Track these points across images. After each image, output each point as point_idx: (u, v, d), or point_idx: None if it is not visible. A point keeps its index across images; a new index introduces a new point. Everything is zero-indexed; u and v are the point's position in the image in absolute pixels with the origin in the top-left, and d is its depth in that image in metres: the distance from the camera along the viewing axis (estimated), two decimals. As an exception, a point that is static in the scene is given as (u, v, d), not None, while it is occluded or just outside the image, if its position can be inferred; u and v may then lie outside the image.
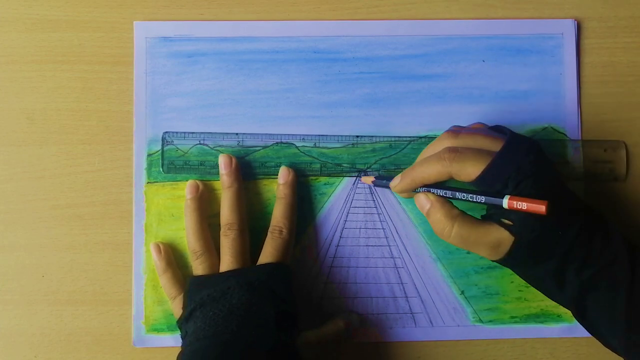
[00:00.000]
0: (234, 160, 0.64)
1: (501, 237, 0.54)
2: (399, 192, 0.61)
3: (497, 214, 0.55)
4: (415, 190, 0.59)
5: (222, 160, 0.64)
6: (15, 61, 0.66)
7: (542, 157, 0.56)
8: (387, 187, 0.62)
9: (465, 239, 0.56)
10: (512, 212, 0.53)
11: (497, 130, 0.59)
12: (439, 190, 0.58)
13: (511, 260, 0.55)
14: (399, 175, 0.60)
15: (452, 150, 0.55)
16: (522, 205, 0.52)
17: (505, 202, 0.53)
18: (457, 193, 0.57)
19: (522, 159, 0.54)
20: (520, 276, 0.59)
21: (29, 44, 0.66)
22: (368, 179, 0.65)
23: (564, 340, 0.66)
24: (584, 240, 0.54)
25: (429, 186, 0.58)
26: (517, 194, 0.53)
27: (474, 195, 0.55)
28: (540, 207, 0.51)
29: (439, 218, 0.56)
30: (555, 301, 0.59)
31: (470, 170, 0.54)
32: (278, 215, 0.64)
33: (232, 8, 0.68)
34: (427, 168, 0.57)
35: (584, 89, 0.68)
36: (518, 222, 0.54)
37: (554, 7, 0.69)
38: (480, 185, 0.55)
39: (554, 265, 0.54)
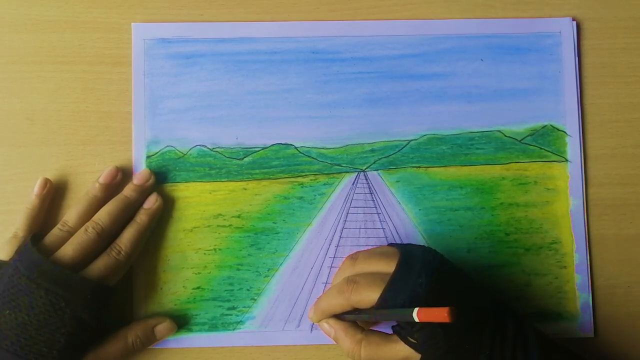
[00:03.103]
0: (152, 177, 0.65)
1: (408, 354, 0.55)
2: (315, 323, 0.62)
3: (404, 331, 0.55)
4: None
5: (140, 174, 0.65)
6: (15, 62, 0.66)
7: (438, 274, 0.55)
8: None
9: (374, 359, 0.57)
10: (416, 331, 0.54)
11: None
12: (348, 315, 0.59)
13: None
14: (313, 306, 0.61)
15: (350, 282, 0.56)
16: (428, 316, 0.50)
17: (415, 316, 0.50)
18: (364, 315, 0.57)
19: (413, 283, 0.54)
20: None
21: (29, 45, 0.67)
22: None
23: (563, 339, 0.66)
24: (494, 353, 0.54)
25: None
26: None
27: (379, 314, 0.55)
28: (443, 316, 0.48)
29: (346, 344, 0.58)
30: None
31: (368, 300, 0.55)
32: (124, 237, 0.62)
33: (232, 9, 0.68)
34: (330, 301, 0.59)
35: (584, 90, 0.68)
36: (422, 339, 0.54)
37: (553, 8, 0.69)
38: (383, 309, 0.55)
39: None
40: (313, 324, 0.65)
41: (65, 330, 0.56)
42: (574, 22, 0.69)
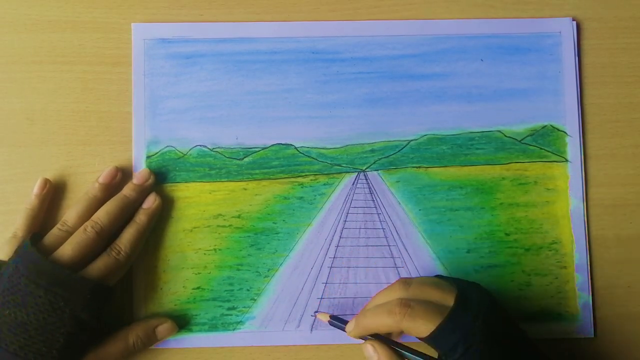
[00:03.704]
0: (151, 177, 0.65)
1: None
2: (353, 337, 0.60)
3: None
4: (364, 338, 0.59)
5: (140, 173, 0.65)
6: (15, 62, 0.67)
7: (492, 317, 0.55)
8: (343, 329, 0.61)
9: None
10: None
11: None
12: (389, 341, 0.58)
13: None
14: (353, 320, 0.59)
15: (404, 305, 0.55)
16: None
17: None
18: (406, 353, 0.57)
19: (470, 324, 0.53)
20: None
21: (29, 45, 0.67)
22: (324, 317, 0.63)
23: (564, 339, 0.66)
24: None
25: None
26: None
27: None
28: None
29: None
30: None
31: (421, 329, 0.54)
32: (124, 237, 0.62)
33: (232, 9, 0.68)
34: (378, 320, 0.57)
35: (584, 90, 0.68)
36: None
37: (553, 8, 0.69)
38: (431, 343, 0.55)
39: None
40: (313, 324, 0.65)
41: (64, 330, 0.56)
42: (574, 22, 0.69)
